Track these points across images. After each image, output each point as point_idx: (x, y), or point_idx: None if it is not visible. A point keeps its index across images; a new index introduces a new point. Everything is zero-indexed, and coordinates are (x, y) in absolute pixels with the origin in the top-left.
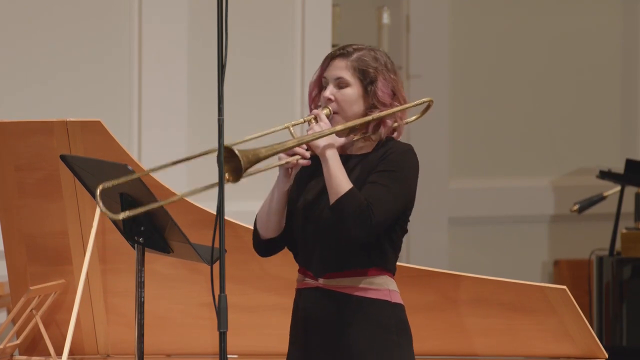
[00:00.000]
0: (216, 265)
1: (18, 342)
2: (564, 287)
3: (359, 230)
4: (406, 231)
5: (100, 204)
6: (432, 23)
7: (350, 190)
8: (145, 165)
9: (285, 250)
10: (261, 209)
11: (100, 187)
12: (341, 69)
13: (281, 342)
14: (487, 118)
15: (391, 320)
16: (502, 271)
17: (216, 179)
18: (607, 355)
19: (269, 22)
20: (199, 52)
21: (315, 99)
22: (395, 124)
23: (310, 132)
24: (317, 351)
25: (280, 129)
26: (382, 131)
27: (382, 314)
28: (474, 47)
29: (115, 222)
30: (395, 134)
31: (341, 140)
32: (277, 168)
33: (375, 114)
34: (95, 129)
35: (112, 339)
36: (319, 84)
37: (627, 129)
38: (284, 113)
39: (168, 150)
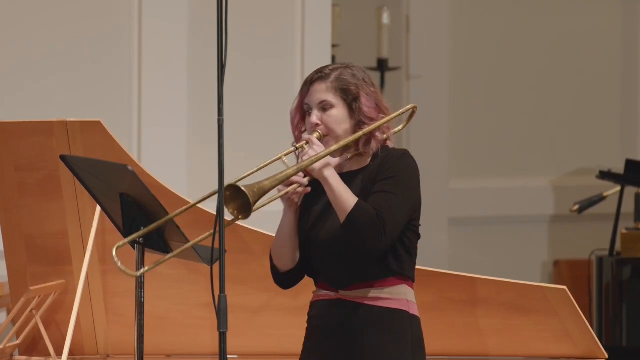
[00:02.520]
0: (216, 266)
1: (18, 342)
2: (564, 287)
3: (375, 241)
4: (419, 236)
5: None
6: (432, 23)
7: (357, 204)
8: (145, 165)
9: None
10: (274, 243)
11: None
12: (322, 92)
13: (281, 342)
14: (487, 118)
15: (407, 334)
16: (502, 271)
17: (215, 179)
18: (607, 356)
19: (269, 22)
20: (199, 52)
21: (299, 126)
22: (385, 135)
23: (305, 157)
24: None
25: (273, 161)
26: (374, 144)
27: (399, 325)
28: (474, 47)
29: (115, 222)
30: (387, 143)
31: (336, 160)
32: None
33: (366, 129)
34: (95, 129)
35: (112, 339)
36: (301, 110)
37: (627, 129)
38: (284, 113)
39: (168, 151)
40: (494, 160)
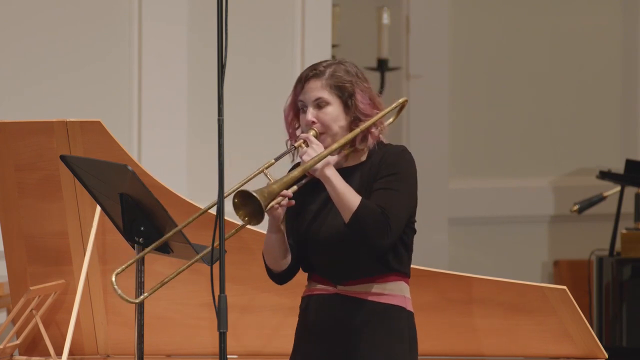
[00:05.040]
0: (216, 266)
1: (18, 342)
2: (564, 287)
3: (381, 238)
4: (415, 231)
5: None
6: (432, 23)
7: (361, 203)
8: (145, 165)
9: None
10: (264, 248)
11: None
12: (317, 89)
13: (281, 342)
14: (487, 118)
15: (405, 329)
16: (502, 271)
17: (215, 179)
18: (607, 356)
19: (269, 22)
20: (199, 52)
21: (292, 123)
22: (378, 130)
23: (305, 156)
24: (328, 356)
25: (256, 174)
26: (370, 140)
27: (397, 321)
28: (474, 47)
29: (115, 222)
30: (380, 137)
31: (335, 158)
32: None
33: (363, 125)
34: (95, 129)
35: (112, 339)
36: (294, 108)
37: (627, 129)
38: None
39: (168, 151)
40: (494, 160)
